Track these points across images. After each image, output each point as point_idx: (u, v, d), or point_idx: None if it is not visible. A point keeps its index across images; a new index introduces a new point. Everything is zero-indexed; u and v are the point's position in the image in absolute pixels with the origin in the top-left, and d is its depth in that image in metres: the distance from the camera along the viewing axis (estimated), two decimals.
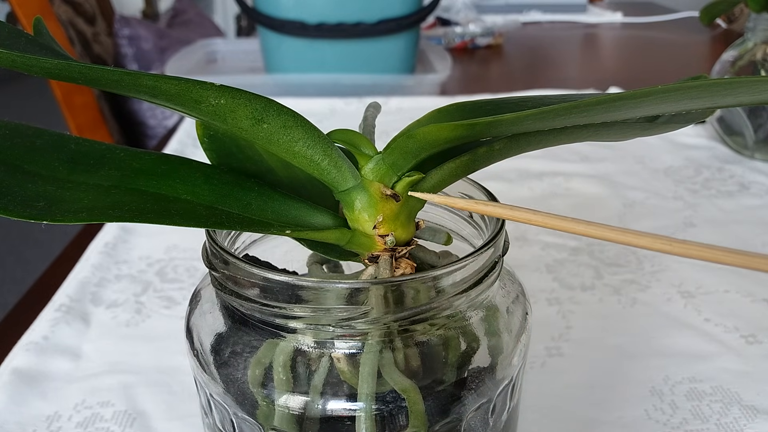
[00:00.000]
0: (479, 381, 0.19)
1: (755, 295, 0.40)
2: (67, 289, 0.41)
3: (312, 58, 0.80)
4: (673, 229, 0.49)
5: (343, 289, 0.17)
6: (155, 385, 0.33)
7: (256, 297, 0.18)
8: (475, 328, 0.19)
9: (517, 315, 0.21)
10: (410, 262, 0.19)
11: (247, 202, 0.19)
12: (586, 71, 1.06)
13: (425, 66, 0.91)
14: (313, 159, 0.17)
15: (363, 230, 0.19)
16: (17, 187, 0.16)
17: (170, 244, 0.46)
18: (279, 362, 0.18)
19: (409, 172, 0.18)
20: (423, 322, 0.18)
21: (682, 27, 1.31)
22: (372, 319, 0.17)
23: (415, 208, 0.19)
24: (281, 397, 0.18)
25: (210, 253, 0.19)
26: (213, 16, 2.40)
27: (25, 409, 0.32)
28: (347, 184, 0.18)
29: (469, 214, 0.22)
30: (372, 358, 0.17)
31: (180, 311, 0.39)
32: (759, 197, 0.54)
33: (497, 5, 1.44)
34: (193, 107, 0.16)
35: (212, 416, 0.21)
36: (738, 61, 0.61)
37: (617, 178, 0.57)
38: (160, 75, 0.15)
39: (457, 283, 0.18)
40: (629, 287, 0.41)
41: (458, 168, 0.18)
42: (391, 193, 0.18)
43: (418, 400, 0.18)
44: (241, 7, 0.85)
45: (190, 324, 0.21)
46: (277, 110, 0.16)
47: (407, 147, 0.17)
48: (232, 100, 0.16)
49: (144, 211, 0.17)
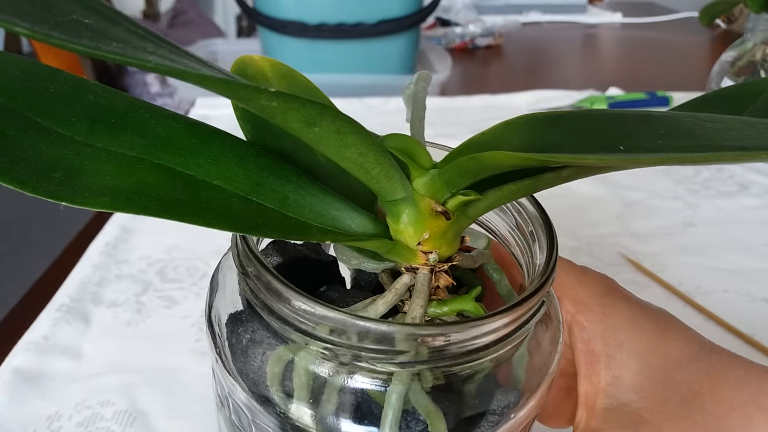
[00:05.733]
0: (505, 411, 0.18)
1: (754, 295, 0.40)
2: (67, 289, 0.41)
3: (312, 58, 0.80)
4: (672, 229, 0.49)
5: (373, 330, 0.16)
6: (156, 385, 0.34)
7: (286, 316, 0.17)
8: (507, 360, 0.18)
9: (548, 348, 0.20)
10: (449, 279, 0.18)
11: (284, 196, 0.17)
12: (585, 71, 1.06)
13: (425, 66, 0.91)
14: (363, 166, 0.16)
15: (406, 244, 0.18)
16: (31, 149, 0.14)
17: (171, 244, 0.47)
18: (301, 367, 0.17)
19: (464, 190, 0.17)
20: (456, 366, 0.17)
21: (682, 27, 1.31)
22: (401, 363, 0.16)
23: (464, 225, 0.18)
24: (299, 404, 0.17)
25: (242, 255, 0.18)
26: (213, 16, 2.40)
27: (25, 408, 0.32)
28: (396, 195, 0.17)
29: (515, 223, 0.21)
30: (402, 390, 0.17)
31: (180, 311, 0.39)
32: (759, 197, 0.54)
33: (497, 5, 1.44)
34: (242, 103, 0.15)
35: (227, 408, 0.20)
36: (737, 62, 0.62)
37: (617, 178, 0.57)
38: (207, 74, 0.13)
39: (496, 332, 0.17)
40: (629, 287, 0.41)
41: (519, 191, 0.17)
42: (441, 210, 0.17)
43: (441, 425, 0.17)
44: (241, 7, 0.85)
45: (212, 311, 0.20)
46: (332, 116, 0.15)
47: (468, 167, 0.16)
48: (284, 104, 0.14)
49: (173, 202, 0.15)
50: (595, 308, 0.22)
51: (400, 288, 0.18)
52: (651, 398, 0.20)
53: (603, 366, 0.21)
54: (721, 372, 0.20)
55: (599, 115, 0.16)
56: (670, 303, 0.40)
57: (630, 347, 0.21)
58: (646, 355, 0.21)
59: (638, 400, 0.20)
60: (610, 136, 0.15)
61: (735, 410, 0.20)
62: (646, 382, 0.20)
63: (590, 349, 0.21)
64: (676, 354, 0.21)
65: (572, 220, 0.50)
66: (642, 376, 0.21)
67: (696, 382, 0.20)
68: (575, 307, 0.22)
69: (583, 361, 0.22)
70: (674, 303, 0.40)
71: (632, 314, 0.22)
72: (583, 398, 0.22)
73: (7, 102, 0.15)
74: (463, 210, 0.18)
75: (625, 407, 0.20)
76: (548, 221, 0.20)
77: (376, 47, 0.81)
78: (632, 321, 0.21)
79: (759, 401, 0.20)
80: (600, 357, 0.21)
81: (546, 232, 0.19)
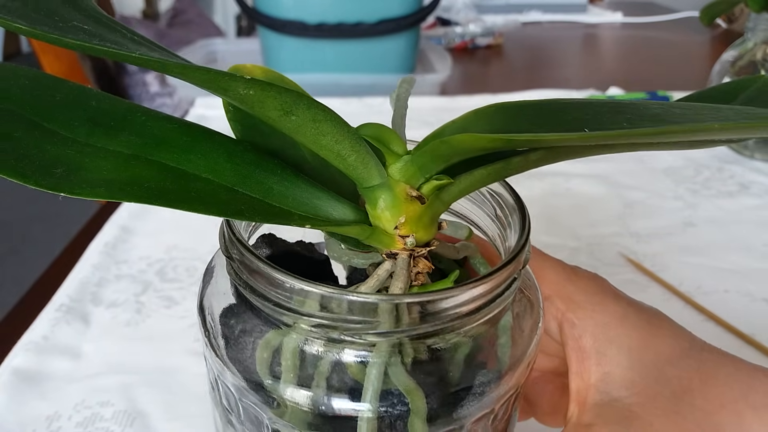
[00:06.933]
0: (485, 389, 0.19)
1: (755, 295, 0.40)
2: (67, 289, 0.41)
3: (312, 58, 0.80)
4: (673, 229, 0.49)
5: (352, 302, 0.16)
6: (155, 385, 0.33)
7: (267, 293, 0.17)
8: (486, 337, 0.19)
9: (529, 325, 0.20)
10: (428, 263, 0.19)
11: (269, 187, 0.18)
12: (586, 71, 1.06)
13: (425, 66, 0.91)
14: (340, 153, 0.17)
15: (384, 229, 0.18)
16: (36, 149, 0.15)
17: (170, 244, 0.47)
18: (288, 350, 0.18)
19: (437, 175, 0.18)
20: (434, 336, 0.18)
21: (682, 27, 1.31)
22: (380, 333, 0.17)
23: (439, 210, 0.19)
24: (286, 386, 0.18)
25: (227, 240, 0.19)
26: (213, 16, 2.40)
27: (25, 408, 0.32)
28: (372, 181, 0.18)
29: (494, 212, 0.22)
30: (381, 363, 0.17)
31: (180, 311, 0.39)
32: (759, 197, 0.54)
33: (497, 5, 1.44)
34: (221, 94, 0.15)
35: (218, 392, 0.21)
36: (738, 61, 0.61)
37: (617, 178, 0.57)
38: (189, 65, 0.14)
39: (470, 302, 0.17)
40: (629, 287, 0.41)
41: (489, 176, 0.18)
42: (416, 194, 0.18)
43: (421, 402, 0.17)
44: (241, 7, 0.85)
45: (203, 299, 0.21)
46: (307, 104, 0.16)
47: (439, 151, 0.17)
48: (261, 92, 0.15)
49: (164, 191, 0.16)
50: (586, 306, 0.22)
51: (382, 274, 0.19)
52: (642, 394, 0.20)
53: (594, 362, 0.21)
54: (712, 369, 0.20)
55: (569, 103, 0.17)
56: (670, 303, 0.39)
57: (620, 343, 0.21)
58: (636, 351, 0.21)
59: (629, 396, 0.20)
60: (578, 120, 0.16)
61: (725, 407, 0.20)
62: (637, 378, 0.21)
63: (581, 345, 0.22)
64: (667, 350, 0.21)
65: (572, 220, 0.50)
66: (632, 371, 0.21)
67: (686, 379, 0.20)
68: (565, 305, 0.22)
69: (574, 357, 0.22)
70: (674, 303, 0.39)
71: (623, 311, 0.22)
72: (575, 394, 0.22)
73: (17, 108, 0.16)
74: (438, 195, 0.18)
75: (617, 402, 0.20)
76: (520, 202, 0.21)
77: (376, 47, 0.81)
78: (623, 318, 0.22)
79: (749, 398, 0.20)
80: (590, 353, 0.21)
81: (519, 211, 0.20)
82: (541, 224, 0.49)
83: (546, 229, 0.49)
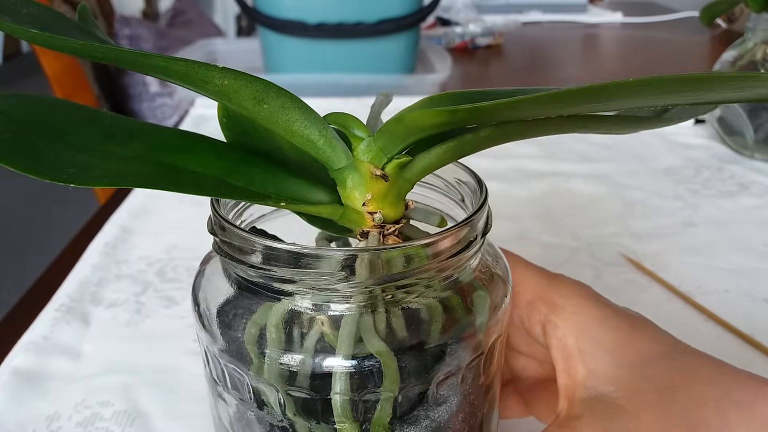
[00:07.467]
0: (452, 350, 0.20)
1: (755, 295, 0.40)
2: (67, 289, 0.41)
3: (312, 58, 0.80)
4: (673, 229, 0.49)
5: (322, 255, 0.18)
6: (155, 385, 0.33)
7: (247, 260, 0.19)
8: (453, 300, 0.21)
9: (497, 293, 0.22)
10: (398, 240, 0.20)
11: (251, 177, 0.20)
12: (586, 71, 1.06)
13: (425, 66, 0.91)
14: (309, 138, 0.19)
15: (354, 207, 0.20)
16: (54, 155, 0.17)
17: (170, 244, 0.47)
18: (272, 322, 0.19)
19: (398, 154, 0.19)
20: (403, 289, 0.19)
21: (682, 27, 1.31)
22: (352, 284, 0.18)
23: (404, 189, 0.20)
24: (272, 353, 0.19)
25: (213, 222, 0.21)
26: (213, 16, 2.40)
27: (25, 408, 0.32)
28: (340, 163, 0.19)
29: (461, 198, 0.24)
30: (351, 321, 0.19)
31: (180, 311, 0.39)
32: (759, 197, 0.54)
33: (497, 5, 1.44)
34: (202, 86, 0.17)
35: (209, 368, 0.22)
36: (738, 61, 0.61)
37: (617, 178, 0.57)
38: (170, 57, 0.16)
39: (434, 254, 0.19)
40: (629, 287, 0.41)
41: (445, 153, 0.19)
42: (380, 173, 0.19)
43: (391, 363, 0.19)
44: (241, 7, 0.85)
45: (196, 286, 0.23)
46: (276, 92, 0.18)
47: (396, 131, 0.19)
48: (234, 81, 0.17)
49: (158, 178, 0.18)
50: (567, 308, 0.23)
51: None
52: (627, 388, 0.21)
53: (579, 360, 0.22)
54: (694, 370, 0.21)
55: (512, 90, 0.20)
56: (670, 303, 0.39)
57: (602, 343, 0.22)
58: (618, 351, 0.22)
59: (615, 390, 0.21)
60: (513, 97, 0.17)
61: (708, 404, 0.20)
62: (620, 374, 0.21)
63: (564, 345, 0.23)
64: (647, 351, 0.22)
65: (572, 220, 0.50)
66: (616, 369, 0.22)
67: (668, 379, 0.21)
68: (548, 308, 0.24)
69: (559, 357, 0.23)
70: (675, 303, 0.39)
71: (603, 314, 0.23)
72: (563, 389, 0.23)
73: (42, 127, 0.19)
74: (400, 173, 0.20)
75: (604, 397, 0.21)
76: (477, 177, 0.23)
77: (376, 47, 0.81)
78: (603, 320, 0.23)
79: (732, 397, 0.20)
80: (574, 352, 0.22)
81: (477, 185, 0.22)
82: (541, 224, 0.49)
83: (546, 229, 0.49)
